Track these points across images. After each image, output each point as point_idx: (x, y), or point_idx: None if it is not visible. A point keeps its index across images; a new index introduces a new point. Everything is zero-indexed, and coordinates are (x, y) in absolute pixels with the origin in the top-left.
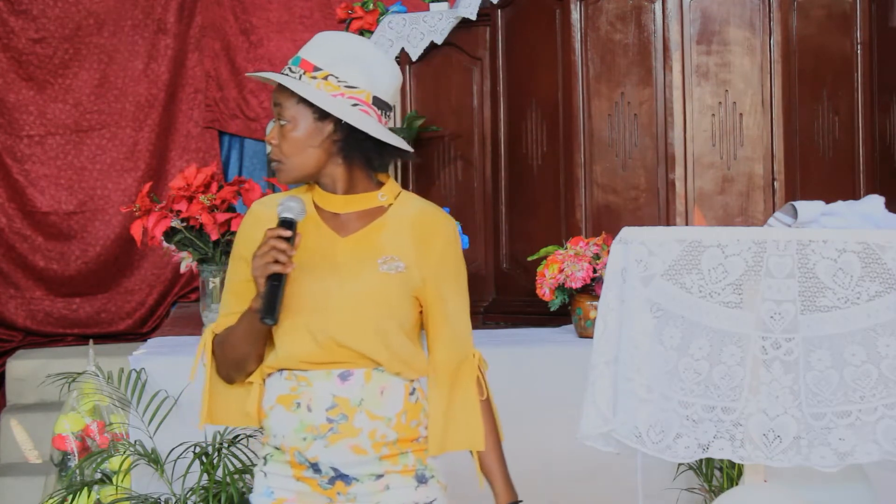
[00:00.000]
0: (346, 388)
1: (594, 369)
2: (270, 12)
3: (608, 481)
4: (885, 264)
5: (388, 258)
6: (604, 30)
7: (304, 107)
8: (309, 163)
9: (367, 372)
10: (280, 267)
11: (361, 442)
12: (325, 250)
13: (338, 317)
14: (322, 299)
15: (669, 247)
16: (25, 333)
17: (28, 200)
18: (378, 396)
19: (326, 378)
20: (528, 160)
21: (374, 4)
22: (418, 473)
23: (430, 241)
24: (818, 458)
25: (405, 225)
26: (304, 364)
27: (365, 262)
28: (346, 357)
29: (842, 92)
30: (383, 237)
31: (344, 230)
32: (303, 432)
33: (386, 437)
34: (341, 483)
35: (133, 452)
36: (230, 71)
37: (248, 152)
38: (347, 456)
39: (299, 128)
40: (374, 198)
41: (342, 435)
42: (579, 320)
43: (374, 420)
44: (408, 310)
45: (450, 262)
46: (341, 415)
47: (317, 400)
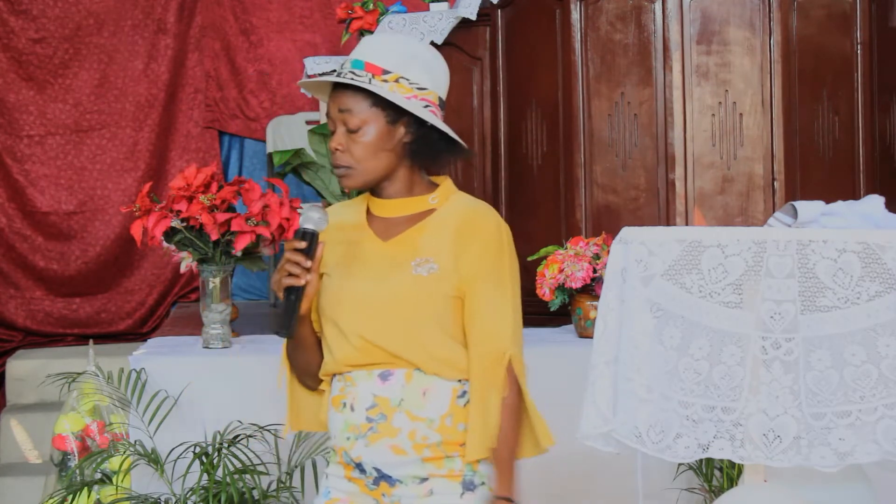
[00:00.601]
0: (386, 387)
1: (594, 369)
2: (270, 12)
3: (608, 481)
4: (885, 264)
5: (423, 260)
6: (604, 30)
7: (378, 110)
8: (381, 166)
9: (408, 373)
10: (294, 280)
11: (401, 442)
12: (366, 255)
13: (369, 318)
14: (356, 302)
15: (669, 247)
16: (25, 333)
17: (28, 200)
18: (420, 397)
19: (368, 378)
20: (528, 160)
21: (374, 4)
22: (466, 479)
23: (469, 240)
24: (818, 458)
25: (448, 226)
26: (347, 366)
27: (400, 264)
28: (384, 358)
29: (842, 92)
30: (422, 239)
31: (388, 234)
32: (346, 432)
33: (427, 438)
34: (385, 484)
35: (133, 452)
36: (230, 71)
37: (248, 152)
38: (388, 456)
39: (371, 132)
40: (425, 201)
41: (381, 434)
42: (579, 320)
43: (414, 421)
44: (445, 311)
45: (487, 260)
46: (380, 414)
47: (359, 399)
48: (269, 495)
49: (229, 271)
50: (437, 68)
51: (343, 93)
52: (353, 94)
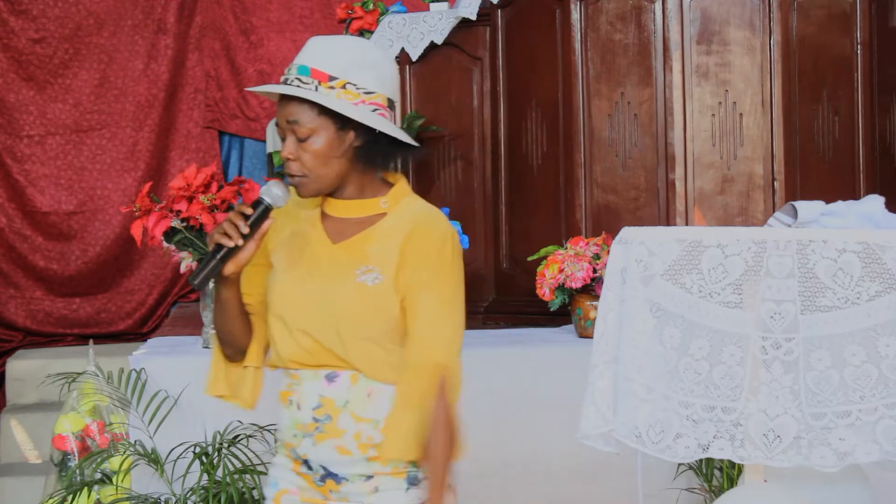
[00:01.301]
0: (332, 389)
1: (594, 369)
2: (270, 12)
3: (608, 481)
4: (885, 264)
5: (367, 269)
6: (604, 30)
7: (326, 118)
8: (332, 173)
9: (354, 374)
10: (224, 239)
11: (346, 443)
12: (315, 255)
13: (317, 322)
14: (304, 304)
15: (669, 247)
16: (25, 333)
17: (28, 200)
18: (364, 399)
19: (314, 378)
20: (528, 160)
21: (374, 4)
22: (410, 475)
23: (412, 251)
24: (818, 458)
25: (395, 235)
26: (293, 364)
27: (346, 270)
28: (331, 360)
29: (842, 92)
30: (370, 246)
31: (339, 236)
32: (294, 429)
33: (372, 439)
34: (332, 481)
35: (133, 452)
36: (230, 71)
37: (248, 152)
38: (333, 455)
39: (321, 140)
40: (376, 204)
41: (327, 435)
42: (579, 320)
43: (359, 422)
44: (388, 320)
45: (427, 271)
46: (326, 415)
47: (305, 399)
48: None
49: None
50: (386, 70)
51: (290, 101)
52: (299, 103)
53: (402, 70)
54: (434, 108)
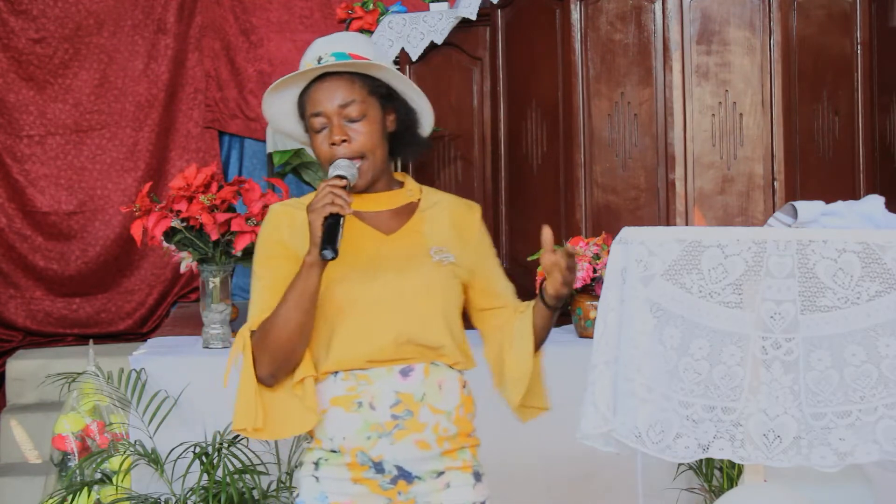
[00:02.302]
0: (408, 383)
1: (594, 369)
2: (270, 12)
3: (608, 481)
4: (885, 264)
5: (439, 249)
6: (604, 30)
7: (374, 98)
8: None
9: (426, 367)
10: (338, 208)
11: (426, 437)
12: (374, 248)
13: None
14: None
15: (669, 247)
16: (25, 333)
17: (28, 200)
18: (437, 391)
19: (388, 375)
20: (528, 160)
21: (374, 4)
22: (475, 470)
23: (468, 228)
24: (818, 458)
25: (442, 217)
26: (367, 363)
27: (417, 255)
28: (413, 353)
29: (842, 92)
30: (427, 230)
31: (386, 228)
32: (367, 431)
33: (448, 430)
34: (403, 482)
35: (133, 452)
36: (230, 71)
37: (248, 152)
38: (413, 452)
39: (373, 119)
40: (403, 195)
41: (408, 430)
42: (579, 320)
43: (436, 414)
44: (460, 299)
45: (486, 242)
46: (406, 410)
47: (380, 397)
48: (269, 495)
49: (229, 271)
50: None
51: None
52: (348, 84)
53: (402, 70)
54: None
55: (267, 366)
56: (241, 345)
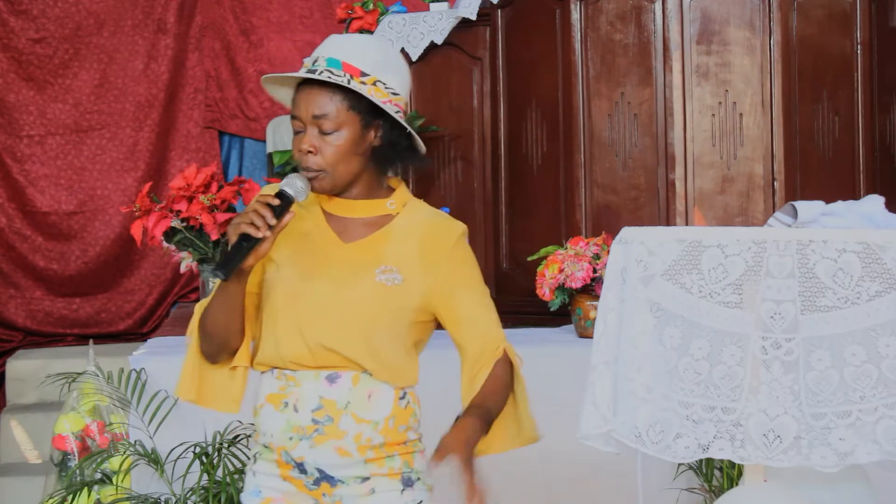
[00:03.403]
0: (333, 390)
1: (594, 369)
2: (270, 12)
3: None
4: (885, 264)
5: (387, 269)
6: (604, 30)
7: (353, 114)
8: (351, 171)
9: (356, 375)
10: (252, 230)
11: (346, 444)
12: (326, 255)
13: (328, 322)
14: (315, 303)
15: (669, 247)
16: (25, 333)
17: (28, 200)
18: (365, 400)
19: (314, 379)
20: (528, 160)
21: (374, 4)
22: (404, 476)
23: (437, 251)
24: (818, 458)
25: (411, 237)
26: (293, 364)
27: (363, 270)
28: (335, 361)
29: (842, 92)
30: (387, 247)
31: (348, 236)
32: (289, 432)
33: (372, 440)
34: (326, 484)
35: (133, 452)
36: (230, 71)
37: (248, 152)
38: (332, 457)
39: (346, 135)
40: (383, 205)
41: (327, 436)
42: (579, 320)
43: (360, 423)
44: (402, 321)
45: (457, 267)
46: (327, 416)
47: (304, 400)
48: None
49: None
50: (407, 75)
51: (318, 93)
52: (329, 95)
53: None
54: (434, 108)
55: (206, 346)
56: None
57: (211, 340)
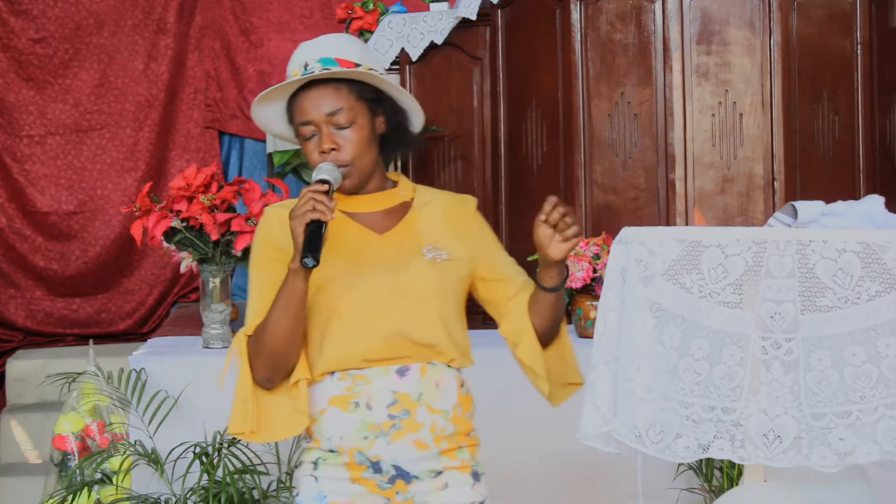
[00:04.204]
0: (404, 383)
1: (594, 369)
2: (270, 12)
3: (608, 481)
4: (885, 264)
5: (431, 248)
6: (604, 30)
7: (362, 104)
8: (371, 161)
9: (423, 366)
10: (320, 214)
11: (423, 436)
12: (369, 248)
13: (400, 309)
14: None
15: (669, 247)
16: (25, 333)
17: (28, 200)
18: (434, 390)
19: (384, 374)
20: (528, 160)
21: (374, 4)
22: (473, 470)
23: (462, 223)
24: (818, 458)
25: (435, 215)
26: (363, 362)
27: (411, 253)
28: (408, 351)
29: (842, 92)
30: (420, 229)
31: (381, 228)
32: (364, 431)
33: (445, 429)
34: (401, 481)
35: (133, 452)
36: (230, 71)
37: (248, 152)
38: (410, 451)
39: (361, 125)
40: (396, 195)
41: (405, 430)
42: (579, 320)
43: (433, 413)
44: (459, 294)
45: (486, 232)
46: (403, 410)
47: (376, 397)
48: (269, 495)
49: (229, 271)
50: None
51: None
52: (336, 90)
53: (402, 70)
54: (434, 108)
55: (262, 370)
56: (237, 349)
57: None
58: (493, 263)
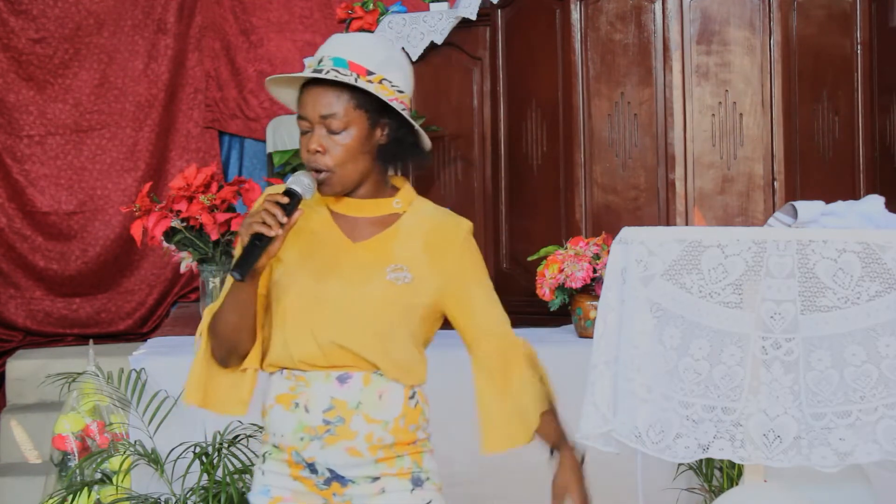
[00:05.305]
0: (344, 390)
1: (594, 369)
2: (270, 12)
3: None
4: (885, 264)
5: (397, 267)
6: (604, 30)
7: (360, 112)
8: (359, 170)
9: (366, 375)
10: (265, 228)
11: (358, 444)
12: (336, 255)
13: (340, 320)
14: (326, 303)
15: (669, 247)
16: (25, 333)
17: (28, 200)
18: (376, 400)
19: (325, 380)
20: (528, 160)
21: (374, 4)
22: (414, 476)
23: (445, 249)
24: (818, 458)
25: (418, 235)
26: (303, 365)
27: (373, 269)
28: (347, 360)
29: (842, 92)
30: (395, 246)
31: (356, 235)
32: (300, 432)
33: (383, 440)
34: (337, 484)
35: (133, 452)
36: (230, 71)
37: (248, 152)
38: (343, 458)
39: (354, 134)
40: (389, 204)
41: (339, 437)
42: (579, 320)
43: (371, 423)
44: (413, 320)
45: (468, 264)
46: (338, 417)
47: (314, 401)
48: None
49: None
50: (411, 72)
51: (325, 92)
52: (336, 94)
53: None
54: (434, 108)
55: (216, 351)
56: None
57: (222, 344)
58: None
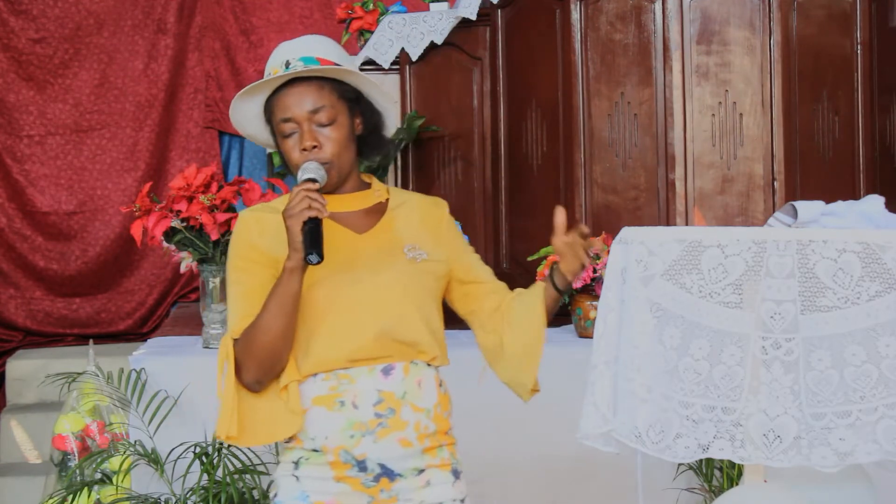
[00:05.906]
0: (389, 382)
1: (594, 369)
2: (270, 12)
3: (608, 481)
4: (885, 264)
5: (411, 247)
6: (604, 30)
7: (342, 103)
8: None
9: (406, 365)
10: (315, 212)
11: (408, 434)
12: (349, 248)
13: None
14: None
15: (669, 247)
16: (25, 333)
17: (28, 200)
18: (417, 388)
19: (370, 374)
20: (528, 160)
21: (374, 4)
22: (453, 468)
23: (437, 224)
24: (818, 458)
25: (412, 215)
26: (349, 363)
27: (392, 253)
28: (393, 350)
29: (842, 92)
30: (399, 229)
31: (359, 227)
32: (350, 430)
33: (428, 428)
34: (386, 479)
35: (133, 452)
36: (230, 71)
37: (248, 152)
38: (395, 450)
39: (341, 123)
40: (371, 195)
41: (391, 429)
42: (579, 320)
43: (417, 412)
44: (438, 293)
45: (456, 234)
46: (389, 409)
47: (363, 396)
48: (269, 495)
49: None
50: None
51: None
52: (318, 90)
53: (402, 70)
54: (434, 108)
55: (253, 372)
56: (224, 354)
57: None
58: (469, 265)
